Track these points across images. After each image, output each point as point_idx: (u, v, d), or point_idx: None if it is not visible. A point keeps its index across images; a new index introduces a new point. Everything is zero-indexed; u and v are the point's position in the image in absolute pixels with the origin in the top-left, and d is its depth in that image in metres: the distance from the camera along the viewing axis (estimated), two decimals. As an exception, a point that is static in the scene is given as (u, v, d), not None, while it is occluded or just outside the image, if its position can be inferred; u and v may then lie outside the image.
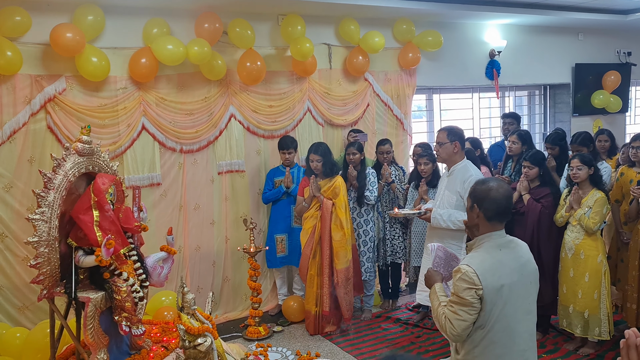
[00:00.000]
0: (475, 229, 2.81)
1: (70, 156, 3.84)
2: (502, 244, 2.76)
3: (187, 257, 5.63)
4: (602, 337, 4.71)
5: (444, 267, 3.11)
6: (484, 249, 2.73)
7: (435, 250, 3.15)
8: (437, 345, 5.11)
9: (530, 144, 5.77)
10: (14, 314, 4.81)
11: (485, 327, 2.65)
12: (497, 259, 2.69)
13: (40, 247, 3.62)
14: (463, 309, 2.62)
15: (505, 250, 2.74)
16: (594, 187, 4.73)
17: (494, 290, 2.61)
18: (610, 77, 8.39)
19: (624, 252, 5.09)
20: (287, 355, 4.93)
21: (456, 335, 2.67)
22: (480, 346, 2.69)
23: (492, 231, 2.76)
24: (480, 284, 2.58)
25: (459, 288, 2.62)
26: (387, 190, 5.83)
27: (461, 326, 2.63)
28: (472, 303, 2.60)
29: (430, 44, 6.72)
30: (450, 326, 2.66)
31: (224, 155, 5.75)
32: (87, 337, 3.76)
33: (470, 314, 2.62)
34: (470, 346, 2.72)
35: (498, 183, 2.80)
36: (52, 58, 4.81)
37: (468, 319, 2.63)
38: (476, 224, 2.79)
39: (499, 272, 2.65)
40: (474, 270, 2.60)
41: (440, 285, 2.94)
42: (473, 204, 2.78)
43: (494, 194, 2.72)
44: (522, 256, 2.79)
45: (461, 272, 2.63)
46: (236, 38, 5.50)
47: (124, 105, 5.16)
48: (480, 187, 2.79)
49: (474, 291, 2.59)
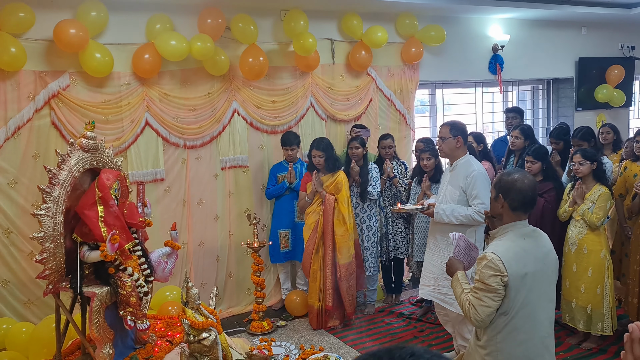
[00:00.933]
0: (499, 218, 2.91)
1: (74, 152, 3.85)
2: (526, 233, 2.85)
3: (191, 252, 5.65)
4: (604, 332, 4.72)
5: (464, 256, 3.18)
6: (509, 238, 2.82)
7: (457, 239, 3.21)
8: (441, 340, 5.13)
9: (533, 139, 5.78)
10: (20, 309, 4.84)
11: (509, 313, 2.75)
12: (521, 248, 2.78)
13: (45, 242, 3.64)
14: (488, 295, 2.71)
15: (529, 240, 2.83)
16: (598, 182, 4.73)
17: (518, 278, 2.70)
18: (614, 72, 8.36)
19: (628, 247, 5.09)
20: (290, 350, 4.95)
21: (480, 321, 2.75)
22: (503, 332, 2.78)
23: (516, 221, 2.85)
24: (505, 271, 2.67)
25: (485, 275, 2.71)
26: (390, 186, 5.84)
27: (485, 312, 2.72)
28: (497, 290, 2.69)
29: (433, 39, 6.71)
30: (475, 312, 2.74)
31: (227, 151, 5.77)
32: (92, 331, 3.78)
33: (494, 300, 2.71)
34: (493, 332, 2.80)
35: (523, 174, 2.90)
36: (55, 54, 4.82)
37: (492, 305, 2.71)
38: (500, 213, 2.88)
39: (524, 260, 2.74)
40: (499, 257, 2.69)
41: (463, 272, 3.02)
42: (498, 194, 2.87)
43: (519, 184, 2.82)
44: (544, 245, 2.88)
45: (487, 260, 2.72)
46: (239, 33, 5.51)
47: (128, 101, 5.18)
48: (506, 178, 2.88)
49: (499, 278, 2.68)
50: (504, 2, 6.62)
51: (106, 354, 3.81)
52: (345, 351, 4.94)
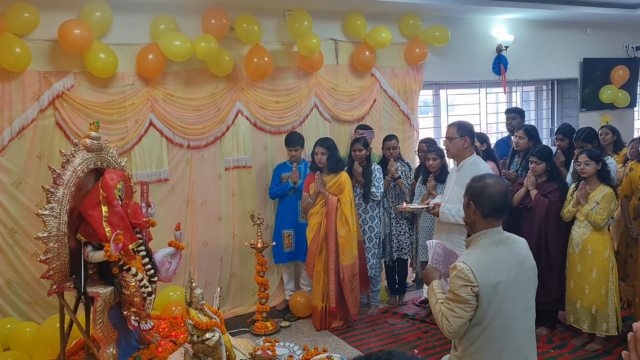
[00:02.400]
0: (473, 225, 2.81)
1: (78, 152, 3.86)
2: (499, 241, 2.75)
3: (195, 252, 5.65)
4: (609, 333, 4.70)
5: (442, 263, 3.12)
6: (480, 246, 2.73)
7: (434, 247, 3.16)
8: (444, 341, 5.11)
9: (537, 139, 5.76)
10: (24, 309, 4.85)
11: (482, 323, 2.65)
12: (493, 256, 2.68)
13: (49, 242, 3.64)
14: (459, 306, 2.62)
15: (501, 247, 2.73)
16: (602, 183, 4.72)
17: (490, 287, 2.60)
18: (619, 72, 8.34)
19: (633, 248, 5.08)
20: (294, 350, 4.94)
21: (453, 332, 2.68)
22: (478, 343, 2.69)
23: (488, 228, 2.75)
24: (476, 281, 2.58)
25: (455, 285, 2.63)
26: (394, 186, 5.83)
27: (457, 323, 2.64)
28: (468, 300, 2.60)
29: (437, 39, 6.71)
30: (447, 323, 2.66)
31: (231, 151, 5.77)
32: (96, 331, 3.79)
33: (466, 310, 2.62)
34: (467, 343, 2.72)
35: (494, 179, 2.80)
36: (60, 54, 4.83)
37: (464, 315, 2.63)
38: (473, 221, 2.78)
39: (495, 269, 2.64)
40: (469, 267, 2.60)
41: (438, 282, 2.94)
42: (469, 201, 2.78)
43: (490, 190, 2.71)
44: (519, 252, 2.78)
45: (457, 270, 2.64)
46: (243, 34, 5.51)
47: (132, 101, 5.19)
48: (476, 184, 2.78)
49: (470, 288, 2.59)
50: (508, 3, 6.62)
51: (110, 354, 3.82)
52: (349, 352, 4.93)
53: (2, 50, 4.50)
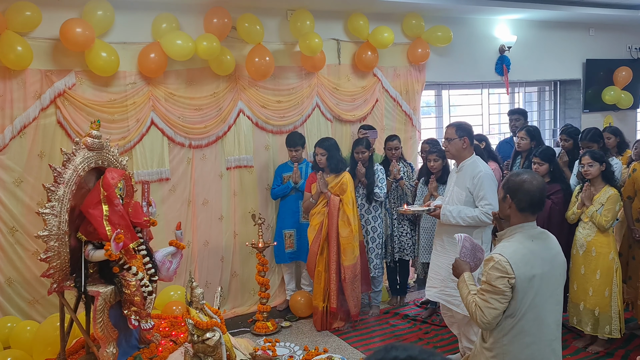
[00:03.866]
0: (506, 220, 2.89)
1: (79, 151, 3.86)
2: (534, 235, 2.82)
3: (196, 252, 5.65)
4: (612, 336, 4.69)
5: (470, 257, 3.16)
6: (516, 239, 2.79)
7: (463, 240, 3.20)
8: (446, 342, 5.11)
9: (539, 140, 5.75)
10: (25, 308, 4.85)
11: (516, 316, 2.72)
12: (529, 249, 2.75)
13: (50, 241, 3.64)
14: (495, 297, 2.68)
15: (537, 241, 2.80)
16: (607, 184, 4.71)
17: (526, 280, 2.67)
18: (622, 73, 8.33)
19: (636, 250, 5.07)
20: (295, 351, 4.94)
21: (486, 323, 2.73)
22: (510, 335, 2.75)
23: (524, 222, 2.82)
24: (512, 272, 2.65)
25: (492, 276, 2.68)
26: (396, 187, 5.82)
27: (492, 314, 2.70)
28: (504, 291, 2.66)
29: (439, 39, 6.70)
30: (481, 314, 2.72)
31: (232, 151, 5.77)
32: (96, 330, 3.79)
33: (501, 302, 2.68)
34: (499, 334, 2.78)
35: (532, 175, 2.87)
36: (62, 53, 4.83)
37: (499, 307, 2.69)
38: (508, 214, 2.86)
39: (531, 262, 2.71)
40: (506, 259, 2.67)
41: (470, 274, 3.00)
42: (506, 194, 2.85)
43: (527, 185, 2.79)
44: (553, 248, 2.85)
45: (494, 261, 2.69)
46: (245, 33, 5.51)
47: (133, 100, 5.19)
48: (514, 178, 2.85)
49: (507, 280, 2.65)
50: (511, 3, 6.61)
51: (110, 353, 3.82)
52: (350, 353, 4.92)
53: (4, 49, 4.51)
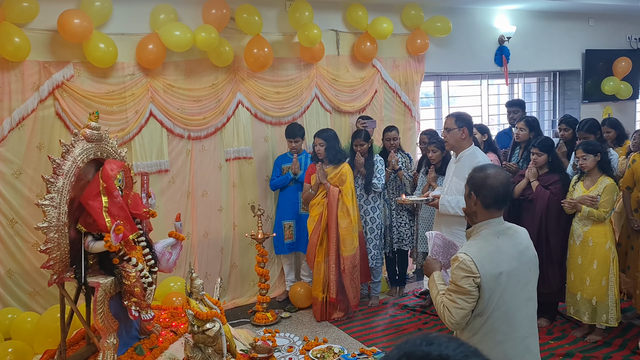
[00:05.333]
0: (474, 216, 2.79)
1: (78, 142, 3.85)
2: (500, 231, 2.73)
3: (195, 243, 5.67)
4: (609, 324, 4.72)
5: (442, 254, 3.10)
6: (482, 237, 2.72)
7: (434, 238, 3.14)
8: (445, 332, 5.11)
9: (538, 131, 5.74)
10: (25, 299, 4.87)
11: (484, 314, 2.64)
12: (494, 247, 2.67)
13: (49, 232, 3.64)
14: (461, 297, 2.62)
15: (503, 238, 2.72)
16: (603, 174, 4.71)
17: (492, 278, 2.59)
18: (621, 64, 8.32)
19: (634, 240, 5.08)
20: (294, 341, 4.97)
21: (455, 324, 2.67)
22: (480, 333, 2.68)
23: (489, 218, 2.73)
24: (477, 272, 2.57)
25: (457, 276, 2.61)
26: (394, 178, 5.83)
27: (459, 314, 2.63)
28: (470, 291, 2.59)
29: (438, 30, 6.68)
30: (449, 314, 2.66)
31: (231, 142, 5.77)
32: (97, 321, 3.79)
33: (468, 302, 2.61)
34: (469, 334, 2.71)
35: (496, 170, 2.78)
36: (60, 44, 4.82)
37: (466, 307, 2.62)
38: (474, 211, 2.77)
39: (497, 260, 2.63)
40: (471, 258, 2.59)
41: (439, 273, 2.93)
42: (470, 191, 2.76)
43: (491, 181, 2.69)
44: (520, 243, 2.77)
45: (459, 261, 2.62)
46: (243, 24, 5.50)
47: (132, 91, 5.18)
48: (478, 174, 2.75)
49: (472, 279, 2.58)
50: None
51: (110, 344, 3.82)
52: (349, 343, 4.95)
53: (1, 40, 4.50)
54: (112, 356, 3.83)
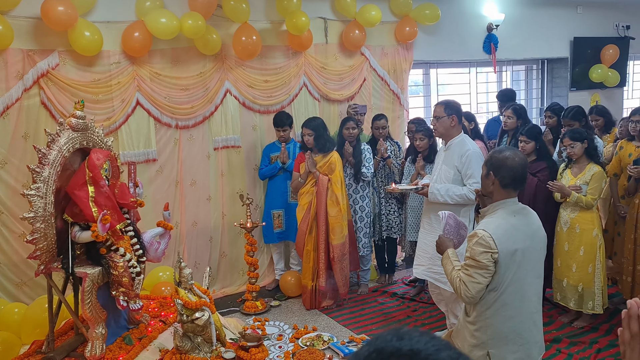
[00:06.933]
0: (489, 196, 2.94)
1: (64, 131, 3.82)
2: (516, 211, 2.88)
3: (184, 232, 5.66)
4: (595, 311, 4.76)
5: (454, 234, 3.20)
6: (499, 215, 2.85)
7: (446, 218, 3.25)
8: (434, 319, 5.18)
9: (526, 119, 5.78)
10: (12, 290, 4.85)
11: (498, 289, 2.78)
12: (511, 225, 2.80)
13: (36, 222, 3.63)
14: (478, 272, 2.74)
15: (519, 217, 2.86)
16: (590, 161, 4.74)
17: (508, 254, 2.73)
18: (609, 51, 8.36)
19: (621, 226, 5.13)
20: (284, 330, 4.99)
21: (470, 297, 2.80)
22: (493, 308, 2.82)
23: (506, 198, 2.88)
24: (496, 247, 2.71)
25: (476, 252, 2.74)
26: (383, 166, 5.84)
27: (476, 288, 2.76)
28: (488, 266, 2.72)
29: (427, 18, 6.67)
30: (465, 288, 2.78)
31: (219, 131, 5.74)
32: (85, 311, 3.79)
33: (485, 276, 2.74)
34: (482, 308, 2.85)
35: (514, 152, 2.92)
36: (44, 32, 4.76)
37: (483, 281, 2.75)
38: (491, 191, 2.91)
39: (514, 237, 2.77)
40: (490, 234, 2.72)
41: (453, 250, 3.05)
42: (489, 171, 2.90)
43: (510, 162, 2.84)
44: (534, 223, 2.91)
45: (478, 237, 2.75)
46: (231, 12, 5.46)
47: (118, 80, 5.14)
48: (497, 155, 2.90)
49: (490, 255, 2.71)
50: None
51: (99, 334, 3.84)
52: (339, 331, 4.97)
53: (-16, 28, 4.44)
54: (101, 346, 3.85)
